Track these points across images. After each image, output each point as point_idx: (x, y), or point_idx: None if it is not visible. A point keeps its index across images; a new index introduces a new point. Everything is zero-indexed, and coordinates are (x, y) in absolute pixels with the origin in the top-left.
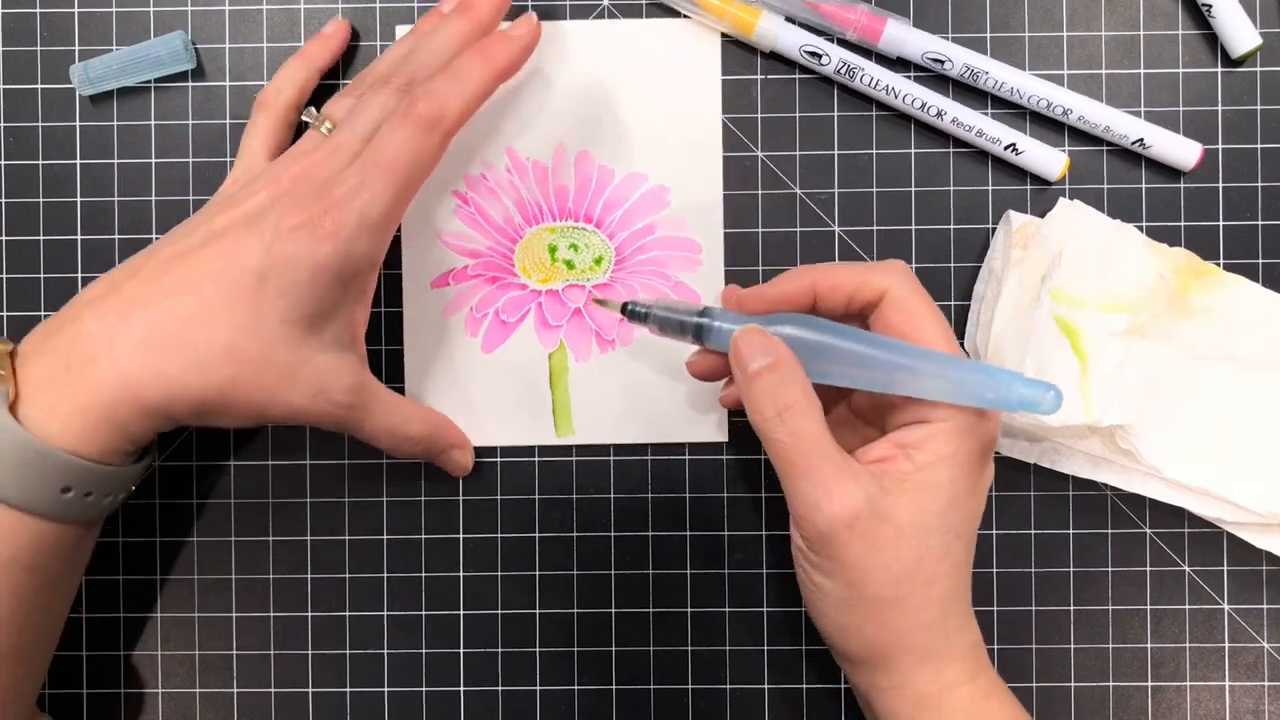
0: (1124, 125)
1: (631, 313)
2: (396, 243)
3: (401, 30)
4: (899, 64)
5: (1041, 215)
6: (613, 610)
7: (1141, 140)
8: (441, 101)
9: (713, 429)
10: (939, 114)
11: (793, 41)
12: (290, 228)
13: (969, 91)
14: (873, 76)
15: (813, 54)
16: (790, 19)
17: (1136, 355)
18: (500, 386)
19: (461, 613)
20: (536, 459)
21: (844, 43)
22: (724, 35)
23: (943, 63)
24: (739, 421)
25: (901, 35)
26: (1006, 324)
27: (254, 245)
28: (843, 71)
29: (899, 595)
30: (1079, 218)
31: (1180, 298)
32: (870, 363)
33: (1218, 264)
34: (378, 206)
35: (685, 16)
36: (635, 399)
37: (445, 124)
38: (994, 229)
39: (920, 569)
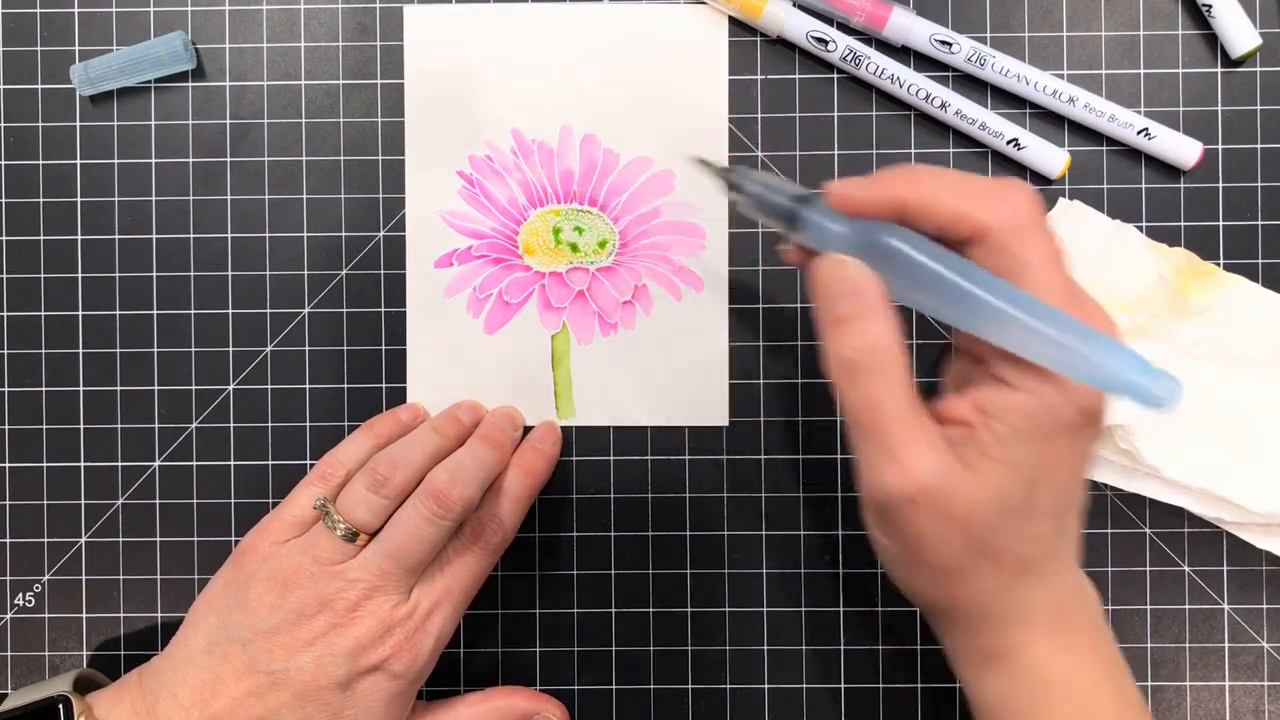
0: (1128, 114)
1: (730, 182)
2: (400, 228)
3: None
4: (904, 59)
5: None
6: (613, 610)
7: (1146, 130)
8: (499, 525)
9: (714, 413)
10: (942, 105)
11: (800, 26)
12: (365, 668)
13: (972, 88)
14: (878, 65)
15: (819, 40)
16: (798, 5)
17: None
18: (502, 368)
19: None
20: None
21: (850, 33)
22: (731, 22)
23: (949, 45)
24: (740, 407)
25: (908, 23)
26: None
27: (328, 689)
28: (849, 59)
29: (961, 568)
30: (1079, 217)
31: (1180, 298)
32: (961, 300)
33: (1218, 264)
34: (447, 634)
35: (695, 1)
36: (637, 382)
37: (504, 544)
38: None
39: (991, 546)
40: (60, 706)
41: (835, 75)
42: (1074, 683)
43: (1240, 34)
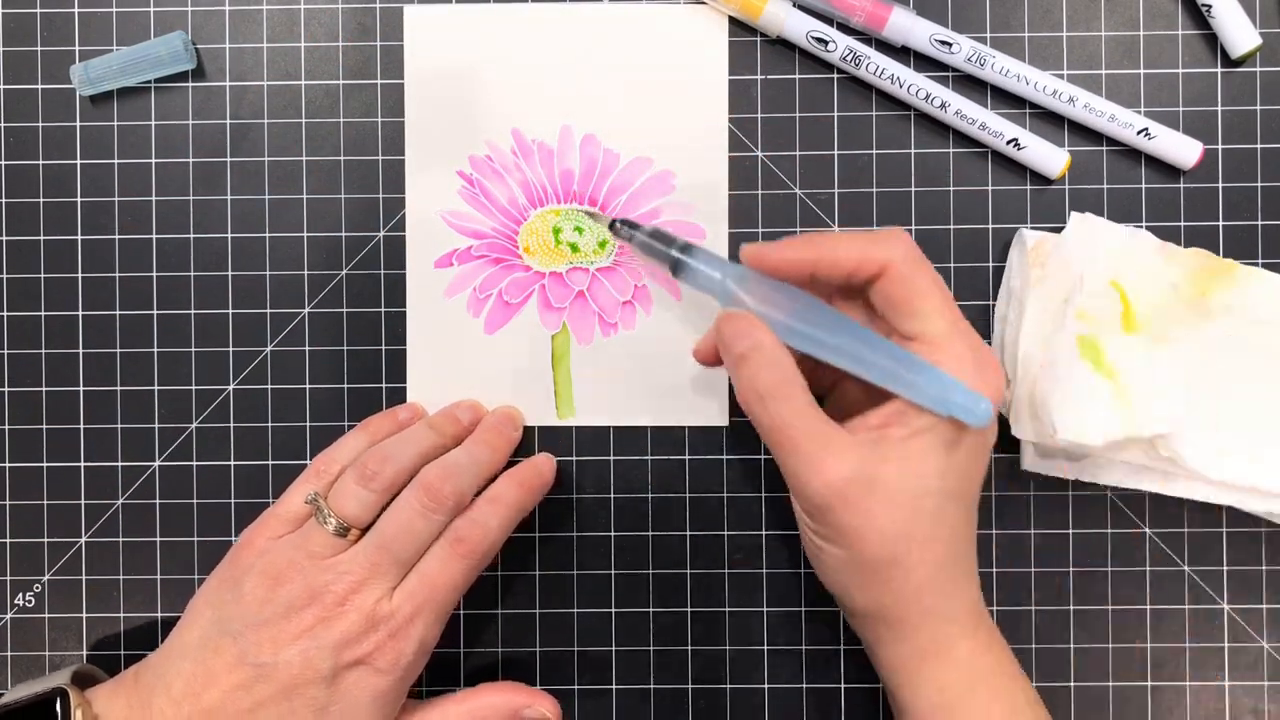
0: (1128, 114)
1: (617, 229)
2: (400, 228)
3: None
4: (904, 59)
5: (1043, 217)
6: (613, 610)
7: (1146, 130)
8: (486, 532)
9: (714, 413)
10: (942, 105)
11: (800, 26)
12: (349, 662)
13: (972, 88)
14: (878, 65)
15: (819, 40)
16: (798, 5)
17: (1166, 363)
18: (502, 368)
19: (462, 612)
20: (536, 448)
21: (850, 33)
22: (731, 22)
23: (949, 45)
24: (740, 407)
25: (908, 23)
26: (1032, 346)
27: (314, 682)
28: (849, 59)
29: (895, 555)
30: (1092, 230)
31: (1199, 302)
32: (846, 356)
33: None
34: (432, 635)
35: (695, 1)
36: (637, 382)
37: (491, 551)
38: (994, 229)
39: (915, 530)
40: (58, 700)
41: (835, 75)
42: (997, 679)
43: (1240, 34)
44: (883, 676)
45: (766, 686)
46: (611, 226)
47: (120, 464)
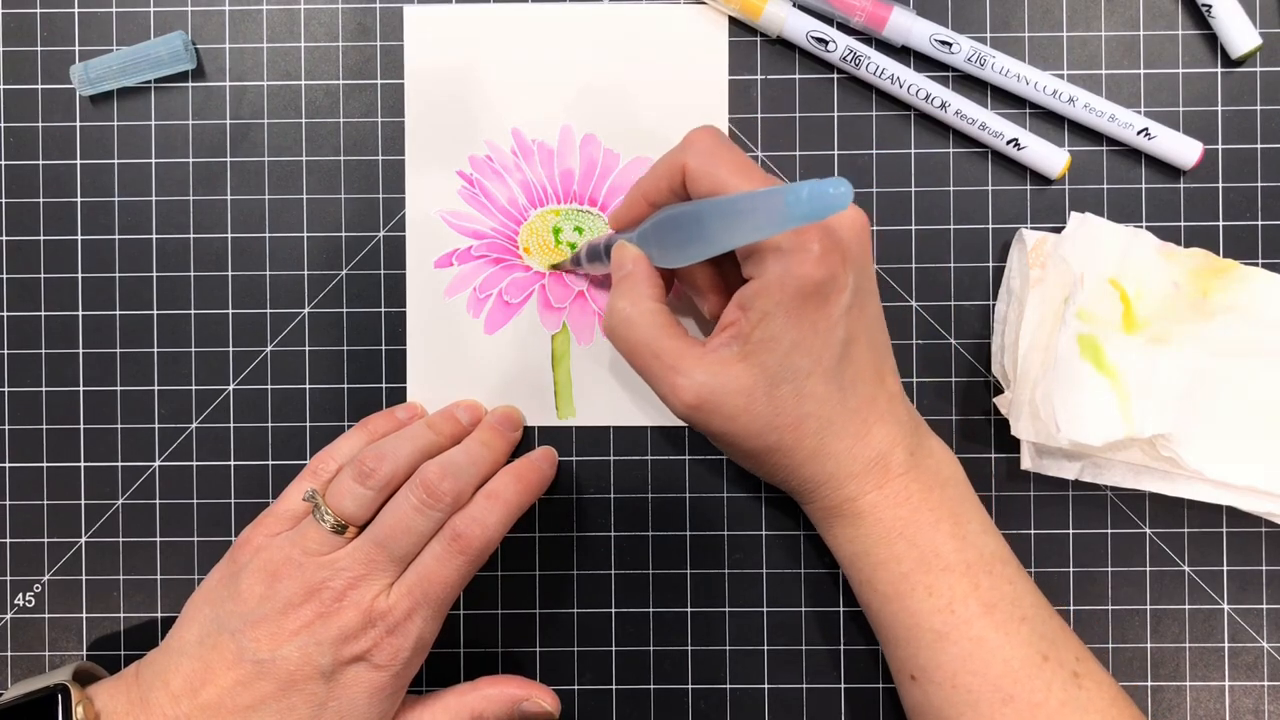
0: (1128, 114)
1: (574, 259)
2: (400, 228)
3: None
4: (904, 59)
5: (1043, 217)
6: (613, 610)
7: (1146, 130)
8: (485, 529)
9: None
10: (942, 105)
11: (800, 27)
12: (347, 658)
13: (972, 88)
14: (878, 65)
15: (819, 40)
16: (798, 5)
17: (1167, 363)
18: (502, 368)
19: (462, 613)
20: (537, 447)
21: (850, 33)
22: (731, 22)
23: (949, 45)
24: None
25: (908, 23)
26: (1032, 346)
27: (312, 678)
28: (849, 59)
29: (770, 444)
30: (1092, 230)
31: (1201, 301)
32: (691, 223)
33: None
34: (430, 631)
35: (694, 1)
36: (637, 382)
37: (489, 548)
38: (994, 229)
39: (781, 417)
40: (59, 696)
41: (835, 75)
42: (912, 527)
43: (1240, 34)
44: (819, 531)
45: (766, 686)
46: (568, 263)
47: (120, 464)
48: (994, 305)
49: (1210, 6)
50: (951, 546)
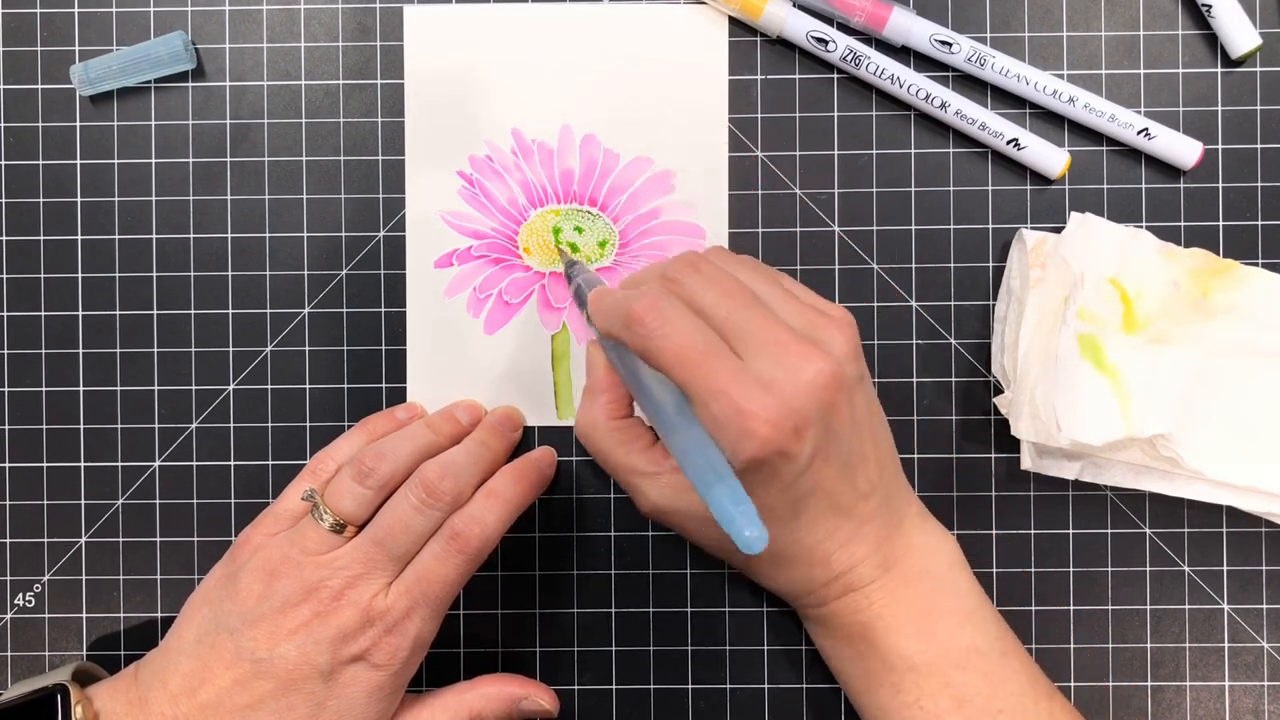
0: (1128, 114)
1: (573, 286)
2: (400, 228)
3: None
4: (904, 59)
5: (1043, 217)
6: (613, 610)
7: (1146, 130)
8: (484, 528)
9: None
10: (942, 105)
11: (800, 27)
12: (346, 657)
13: (972, 88)
14: (878, 65)
15: (819, 40)
16: (798, 5)
17: (1167, 363)
18: (502, 368)
19: (462, 612)
20: (536, 447)
21: (850, 33)
22: (731, 22)
23: (949, 45)
24: None
25: (908, 23)
26: (1032, 346)
27: (311, 677)
28: (849, 59)
29: (727, 557)
30: (1092, 230)
31: (1201, 301)
32: (642, 399)
33: None
34: (429, 630)
35: (695, 0)
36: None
37: (488, 547)
38: (994, 229)
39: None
40: (58, 696)
41: (835, 75)
42: (873, 631)
43: (1240, 34)
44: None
45: (766, 686)
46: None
47: (120, 464)
48: (994, 305)
49: (1210, 6)
50: (916, 647)
